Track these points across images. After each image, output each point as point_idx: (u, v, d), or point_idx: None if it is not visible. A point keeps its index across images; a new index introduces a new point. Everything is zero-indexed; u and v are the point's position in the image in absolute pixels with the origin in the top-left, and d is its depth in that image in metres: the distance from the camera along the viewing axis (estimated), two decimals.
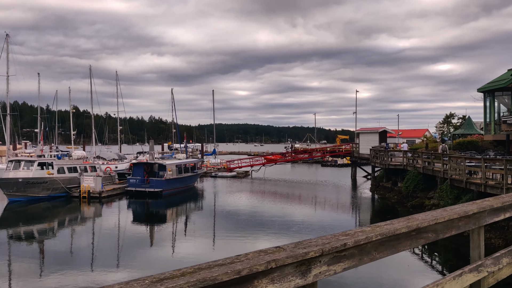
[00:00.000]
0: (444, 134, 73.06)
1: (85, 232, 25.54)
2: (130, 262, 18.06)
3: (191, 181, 43.37)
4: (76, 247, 21.61)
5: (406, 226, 3.80)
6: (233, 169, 59.14)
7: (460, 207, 4.79)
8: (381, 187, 40.92)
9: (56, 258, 18.96)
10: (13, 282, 15.77)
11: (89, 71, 65.05)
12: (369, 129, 54.37)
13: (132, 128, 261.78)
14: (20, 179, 33.04)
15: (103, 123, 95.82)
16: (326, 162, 78.62)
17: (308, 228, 25.03)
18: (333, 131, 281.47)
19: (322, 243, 3.17)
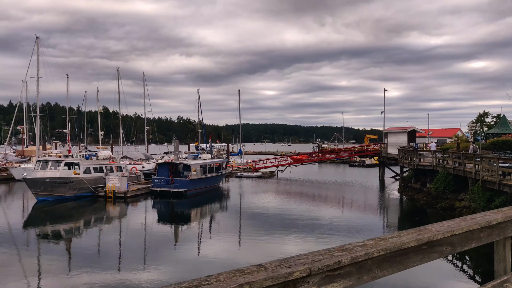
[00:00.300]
0: (477, 133, 70.86)
1: (110, 231, 25.66)
2: (155, 262, 18.02)
3: (216, 181, 43.22)
4: (101, 246, 21.71)
5: (416, 240, 3.33)
6: (258, 169, 58.80)
7: (482, 216, 4.27)
8: (410, 188, 39.87)
9: (84, 257, 19.05)
10: (43, 280, 15.93)
11: (117, 73, 65.88)
12: (397, 129, 53.11)
13: (161, 128, 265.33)
14: (47, 179, 33.52)
15: (132, 123, 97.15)
16: (354, 162, 77.38)
17: (333, 230, 24.48)
18: (362, 131, 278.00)
19: (312, 260, 2.75)
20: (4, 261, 18.26)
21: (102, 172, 37.74)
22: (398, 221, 30.17)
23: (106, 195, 35.17)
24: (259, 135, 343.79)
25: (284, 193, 42.11)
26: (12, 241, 22.08)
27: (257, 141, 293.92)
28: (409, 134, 49.75)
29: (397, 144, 48.05)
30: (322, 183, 51.70)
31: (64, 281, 15.75)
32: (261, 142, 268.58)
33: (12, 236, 23.59)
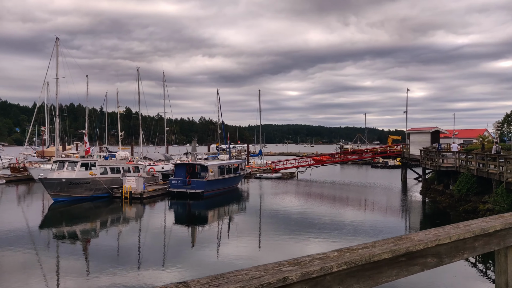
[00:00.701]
0: (504, 134, 68.81)
1: (125, 232, 25.52)
2: (171, 264, 17.90)
3: (234, 182, 42.88)
4: (115, 248, 21.50)
5: (390, 251, 2.84)
6: (278, 170, 58.26)
7: (478, 222, 3.73)
8: (432, 190, 38.79)
9: (101, 258, 18.99)
10: (63, 281, 15.90)
11: (137, 73, 66.31)
12: (420, 129, 51.84)
13: (183, 129, 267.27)
14: (63, 180, 33.67)
15: (154, 124, 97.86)
16: (376, 164, 76.08)
17: (352, 231, 23.92)
18: (386, 132, 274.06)
19: (251, 277, 2.28)
20: (23, 262, 18.30)
21: (119, 172, 37.77)
22: (419, 223, 29.25)
23: (123, 196, 35.19)
24: (282, 136, 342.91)
25: (304, 195, 41.52)
26: (28, 242, 22.11)
27: (279, 142, 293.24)
28: (432, 135, 48.49)
29: (420, 145, 46.91)
30: (342, 185, 50.84)
31: (83, 282, 15.75)
32: (284, 143, 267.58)
33: (28, 236, 23.66)
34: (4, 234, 23.27)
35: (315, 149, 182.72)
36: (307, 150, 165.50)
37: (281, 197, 39.13)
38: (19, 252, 19.74)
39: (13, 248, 20.19)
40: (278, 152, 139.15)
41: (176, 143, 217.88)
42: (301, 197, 40.07)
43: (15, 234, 23.45)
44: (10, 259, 18.69)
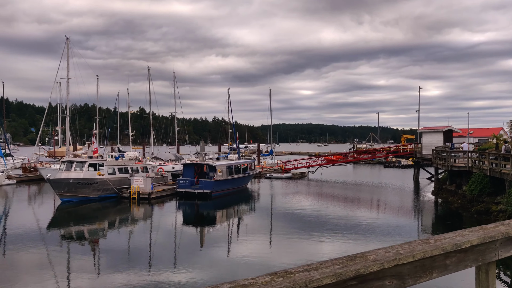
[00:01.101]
0: None
1: (130, 233, 25.40)
2: (181, 265, 17.82)
3: (243, 182, 42.52)
4: (120, 248, 21.26)
5: (334, 275, 2.42)
6: (288, 170, 57.75)
7: (452, 236, 3.28)
8: (444, 190, 37.98)
9: (108, 258, 19.14)
10: (73, 281, 15.89)
11: (148, 73, 66.40)
12: (433, 128, 50.92)
13: (197, 128, 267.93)
14: (71, 180, 33.64)
15: (167, 124, 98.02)
16: (389, 163, 75.08)
17: (360, 233, 23.47)
18: (401, 131, 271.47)
19: None
20: (31, 262, 18.35)
21: (127, 173, 37.67)
22: (430, 225, 28.63)
23: (131, 196, 35.07)
24: (295, 136, 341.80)
25: (313, 195, 41.07)
26: (35, 242, 21.96)
27: (293, 142, 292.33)
28: (445, 134, 47.57)
29: (433, 144, 46.05)
30: (353, 184, 50.17)
31: (91, 282, 15.78)
32: (297, 142, 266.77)
33: (35, 236, 23.52)
34: (11, 235, 23.28)
35: (328, 148, 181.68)
36: (320, 149, 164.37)
37: (291, 197, 38.79)
38: (25, 252, 19.70)
39: (21, 248, 20.16)
40: (290, 151, 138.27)
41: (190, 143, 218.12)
42: (311, 197, 39.64)
43: (22, 234, 23.47)
44: (19, 259, 18.63)
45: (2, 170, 45.40)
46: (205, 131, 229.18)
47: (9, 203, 36.61)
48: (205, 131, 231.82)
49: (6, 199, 38.39)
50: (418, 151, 50.83)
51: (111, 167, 36.62)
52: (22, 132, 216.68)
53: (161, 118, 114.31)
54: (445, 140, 47.04)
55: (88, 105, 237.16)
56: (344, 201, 37.67)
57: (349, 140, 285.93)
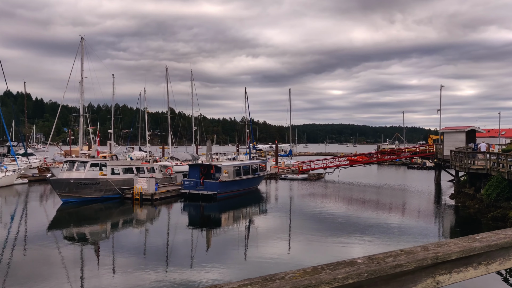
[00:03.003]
0: None
1: (123, 236, 24.65)
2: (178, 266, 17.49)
3: (252, 184, 41.25)
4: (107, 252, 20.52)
5: None
6: (305, 171, 56.16)
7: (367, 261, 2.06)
8: (463, 194, 35.84)
9: (106, 261, 18.44)
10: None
11: (166, 73, 66.06)
12: (454, 128, 48.38)
13: (225, 128, 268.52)
14: (71, 180, 33.14)
15: (197, 123, 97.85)
16: (413, 165, 72.38)
17: (365, 236, 21.85)
18: (433, 131, 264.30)
19: None
20: (37, 263, 18.10)
21: (132, 173, 37.02)
22: (438, 232, 26.65)
23: (133, 197, 34.40)
24: (325, 136, 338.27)
25: (327, 196, 39.59)
26: (33, 243, 21.64)
27: (323, 142, 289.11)
28: (467, 134, 45.02)
29: (454, 145, 43.66)
30: (369, 187, 48.19)
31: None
32: (324, 142, 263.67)
33: (33, 238, 23.13)
34: (8, 235, 22.88)
35: (356, 149, 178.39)
36: (349, 150, 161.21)
37: (302, 199, 37.80)
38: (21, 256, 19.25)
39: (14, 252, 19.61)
40: (315, 152, 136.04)
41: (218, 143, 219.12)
42: (323, 199, 38.22)
43: (19, 235, 23.28)
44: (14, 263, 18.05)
45: (13, 170, 45.72)
46: (233, 131, 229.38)
47: (11, 203, 36.55)
48: (233, 131, 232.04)
49: (11, 198, 38.43)
50: (439, 152, 48.42)
51: (114, 167, 36.02)
52: (55, 132, 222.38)
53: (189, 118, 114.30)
54: (468, 140, 44.53)
55: (119, 106, 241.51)
56: (355, 203, 36.07)
57: (380, 140, 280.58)
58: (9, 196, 39.17)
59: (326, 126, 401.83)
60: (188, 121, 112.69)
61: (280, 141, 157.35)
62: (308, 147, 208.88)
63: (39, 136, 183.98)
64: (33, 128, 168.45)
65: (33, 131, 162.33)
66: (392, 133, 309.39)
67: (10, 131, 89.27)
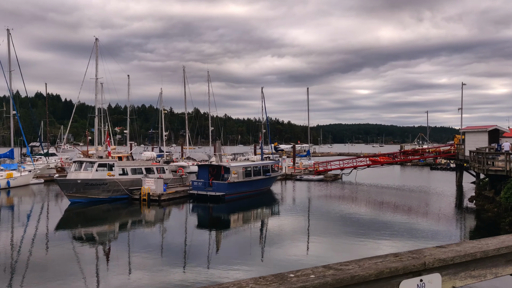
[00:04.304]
0: None
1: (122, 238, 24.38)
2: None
3: (263, 185, 40.46)
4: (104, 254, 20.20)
5: None
6: (322, 172, 54.98)
7: None
8: (482, 197, 34.16)
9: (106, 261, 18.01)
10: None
11: (183, 73, 65.93)
12: (476, 128, 46.44)
13: (250, 129, 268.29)
14: (79, 180, 33.05)
15: (223, 123, 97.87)
16: (437, 165, 70.18)
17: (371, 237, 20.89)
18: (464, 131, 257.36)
19: None
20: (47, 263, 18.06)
21: (141, 173, 36.78)
22: (449, 235, 25.32)
23: (141, 198, 34.13)
24: (352, 136, 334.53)
25: (341, 198, 38.53)
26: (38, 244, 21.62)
27: (349, 142, 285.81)
28: (490, 134, 43.09)
29: (476, 145, 41.83)
30: (387, 188, 46.72)
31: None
32: (348, 142, 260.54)
33: (39, 239, 23.12)
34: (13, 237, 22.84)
35: (381, 149, 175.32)
36: (373, 150, 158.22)
37: (316, 201, 37.20)
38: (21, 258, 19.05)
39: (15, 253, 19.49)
40: (338, 152, 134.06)
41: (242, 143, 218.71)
42: (337, 200, 37.31)
43: (25, 236, 23.28)
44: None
45: (29, 170, 46.24)
46: (257, 131, 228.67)
47: (25, 202, 36.84)
48: (257, 131, 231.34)
49: (26, 198, 38.75)
50: (460, 152, 46.56)
51: (122, 168, 35.82)
52: (83, 133, 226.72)
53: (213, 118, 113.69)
54: (491, 140, 42.62)
55: (145, 106, 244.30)
56: (369, 205, 34.91)
57: (407, 140, 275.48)
58: (24, 196, 39.54)
59: (352, 126, 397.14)
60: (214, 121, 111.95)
61: (305, 141, 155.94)
62: (333, 147, 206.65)
63: (68, 137, 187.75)
64: (61, 129, 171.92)
65: (61, 132, 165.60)
66: (424, 133, 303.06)
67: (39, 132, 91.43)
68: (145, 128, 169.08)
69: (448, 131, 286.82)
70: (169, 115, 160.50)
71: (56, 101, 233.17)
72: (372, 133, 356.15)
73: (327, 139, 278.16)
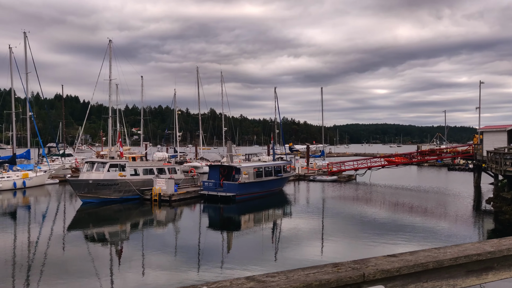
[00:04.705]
0: None
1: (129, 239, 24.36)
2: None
3: (275, 186, 40.13)
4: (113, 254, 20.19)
5: None
6: (335, 172, 54.39)
7: None
8: (500, 198, 33.26)
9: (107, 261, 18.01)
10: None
11: (197, 73, 66.02)
12: (495, 127, 45.35)
13: (265, 129, 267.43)
14: (90, 181, 33.21)
15: (238, 124, 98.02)
16: (454, 166, 68.91)
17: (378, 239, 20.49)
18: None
19: None
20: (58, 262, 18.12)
21: (153, 174, 36.80)
22: (460, 237, 24.67)
23: (152, 198, 34.14)
24: (369, 136, 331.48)
25: (354, 199, 38.04)
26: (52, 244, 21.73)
27: (367, 142, 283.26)
28: (509, 133, 42.02)
29: (495, 145, 40.80)
30: (401, 189, 45.91)
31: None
32: (364, 143, 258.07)
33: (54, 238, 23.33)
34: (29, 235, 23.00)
35: (399, 149, 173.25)
36: (390, 150, 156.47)
37: (329, 201, 36.85)
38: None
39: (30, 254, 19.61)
40: (354, 152, 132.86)
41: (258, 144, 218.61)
42: (350, 201, 36.88)
43: (39, 236, 23.46)
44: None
45: (45, 170, 46.73)
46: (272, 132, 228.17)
47: (41, 202, 37.19)
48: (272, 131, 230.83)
49: (40, 198, 39.13)
50: (478, 153, 45.52)
51: (134, 168, 35.89)
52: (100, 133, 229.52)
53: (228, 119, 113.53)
54: (510, 140, 41.60)
55: (162, 107, 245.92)
56: (381, 206, 34.32)
57: (426, 140, 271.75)
58: (39, 196, 39.93)
59: (370, 126, 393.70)
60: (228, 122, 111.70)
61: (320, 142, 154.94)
62: (349, 148, 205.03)
63: (86, 137, 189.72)
64: (79, 130, 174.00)
65: (79, 132, 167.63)
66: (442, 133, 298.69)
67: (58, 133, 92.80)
68: (162, 129, 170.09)
69: (468, 131, 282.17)
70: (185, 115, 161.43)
71: (74, 102, 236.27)
72: (390, 133, 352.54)
73: (344, 139, 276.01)
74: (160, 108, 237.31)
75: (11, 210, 33.13)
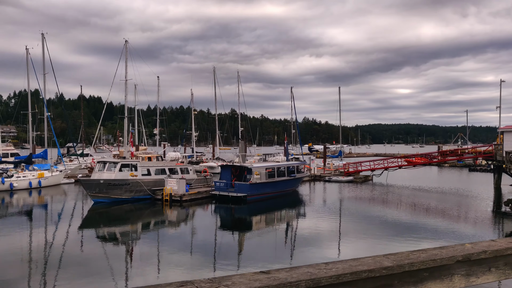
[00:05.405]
0: None
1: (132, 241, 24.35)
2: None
3: (287, 186, 39.68)
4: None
5: None
6: (351, 173, 53.58)
7: None
8: None
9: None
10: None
11: (213, 73, 65.97)
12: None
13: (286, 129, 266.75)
14: (101, 181, 33.35)
15: (258, 124, 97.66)
16: (476, 166, 67.20)
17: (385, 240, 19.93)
18: None
19: None
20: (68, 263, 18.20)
21: (165, 174, 36.77)
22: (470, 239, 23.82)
23: (163, 198, 34.11)
24: (391, 136, 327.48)
25: (370, 200, 37.50)
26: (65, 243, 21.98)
27: (389, 142, 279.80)
28: None
29: None
30: (418, 190, 44.94)
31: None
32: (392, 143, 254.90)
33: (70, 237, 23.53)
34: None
35: (421, 149, 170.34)
36: (413, 150, 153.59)
37: (344, 202, 36.65)
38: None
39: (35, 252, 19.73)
40: (375, 153, 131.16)
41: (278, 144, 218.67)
42: (366, 202, 36.39)
43: (54, 234, 23.68)
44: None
45: (61, 170, 47.28)
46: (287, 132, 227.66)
47: (52, 201, 37.57)
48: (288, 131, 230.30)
49: (55, 197, 39.55)
50: (498, 153, 44.20)
51: (145, 168, 35.93)
52: (120, 133, 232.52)
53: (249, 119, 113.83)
54: None
55: (184, 108, 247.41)
56: (397, 207, 33.65)
57: (450, 141, 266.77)
58: (54, 195, 40.37)
59: (392, 126, 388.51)
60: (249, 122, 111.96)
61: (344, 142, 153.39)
62: (371, 148, 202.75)
63: (107, 137, 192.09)
64: (101, 130, 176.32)
65: (101, 133, 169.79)
66: (464, 133, 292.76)
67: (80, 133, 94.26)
68: (183, 129, 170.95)
69: (493, 131, 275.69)
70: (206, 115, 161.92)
71: (97, 103, 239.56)
72: (413, 133, 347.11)
73: (366, 140, 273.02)
74: (181, 108, 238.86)
75: (26, 209, 33.59)
